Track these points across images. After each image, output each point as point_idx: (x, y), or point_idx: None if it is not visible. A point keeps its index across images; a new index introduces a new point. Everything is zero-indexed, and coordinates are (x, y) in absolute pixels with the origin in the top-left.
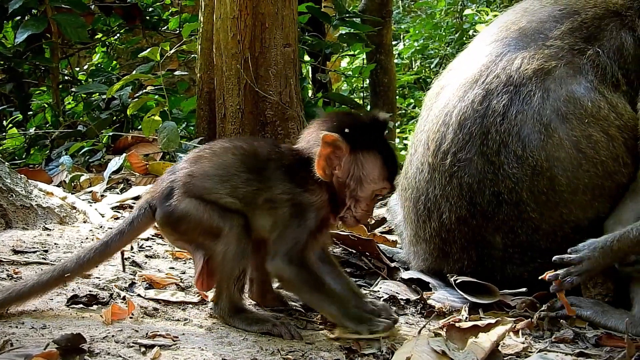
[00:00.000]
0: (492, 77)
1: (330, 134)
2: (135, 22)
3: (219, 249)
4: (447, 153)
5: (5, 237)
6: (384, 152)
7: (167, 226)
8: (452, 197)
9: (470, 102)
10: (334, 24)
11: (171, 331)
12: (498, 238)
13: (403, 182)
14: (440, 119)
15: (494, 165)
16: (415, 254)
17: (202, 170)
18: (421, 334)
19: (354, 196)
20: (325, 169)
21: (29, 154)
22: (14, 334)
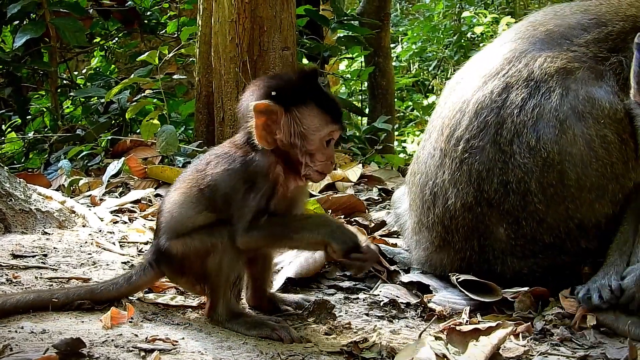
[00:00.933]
0: (513, 71)
1: (260, 102)
2: (133, 26)
3: (214, 260)
4: (460, 139)
5: (5, 242)
6: (318, 100)
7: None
8: (460, 183)
9: (489, 92)
10: (332, 27)
11: (171, 335)
12: (501, 229)
13: (414, 167)
14: (457, 106)
15: (505, 154)
16: (417, 242)
17: (171, 205)
18: (422, 337)
19: (306, 152)
20: (267, 137)
21: (27, 158)
22: (13, 338)
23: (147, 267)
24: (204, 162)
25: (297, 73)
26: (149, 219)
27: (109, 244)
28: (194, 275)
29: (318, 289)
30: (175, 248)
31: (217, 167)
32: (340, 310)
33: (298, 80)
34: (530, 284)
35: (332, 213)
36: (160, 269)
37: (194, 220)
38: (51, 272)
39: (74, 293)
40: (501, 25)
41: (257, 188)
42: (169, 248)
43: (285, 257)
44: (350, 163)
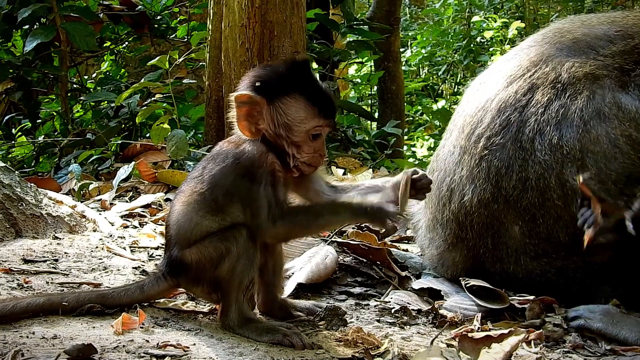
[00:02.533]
0: (540, 74)
1: (241, 93)
2: (143, 30)
3: (227, 265)
4: (481, 137)
5: (16, 246)
6: (306, 91)
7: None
8: (478, 180)
9: (513, 92)
10: (343, 32)
11: (182, 341)
12: (516, 227)
13: (432, 164)
14: (480, 105)
15: (525, 152)
16: (431, 240)
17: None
18: (433, 344)
19: (291, 143)
20: (250, 128)
21: (37, 162)
22: (24, 344)
23: (160, 277)
24: (199, 168)
25: (287, 63)
26: (159, 224)
27: (119, 249)
28: (208, 282)
29: (329, 294)
30: (189, 257)
31: (212, 167)
32: (351, 317)
33: (286, 70)
34: (542, 284)
35: None
36: (174, 280)
37: (200, 226)
38: (62, 277)
39: (85, 297)
40: (511, 30)
41: (257, 179)
42: (182, 257)
43: (296, 263)
44: (361, 168)
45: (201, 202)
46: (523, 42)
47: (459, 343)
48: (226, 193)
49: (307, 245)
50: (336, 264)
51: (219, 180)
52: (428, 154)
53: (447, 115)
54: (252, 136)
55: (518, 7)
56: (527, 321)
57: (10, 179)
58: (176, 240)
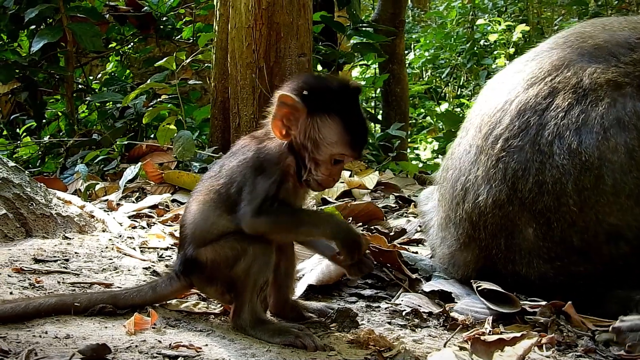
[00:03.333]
0: (561, 78)
1: (286, 94)
2: (149, 31)
3: (243, 264)
4: (499, 138)
5: (26, 246)
6: (346, 118)
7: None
8: (494, 181)
9: (534, 95)
10: (348, 34)
11: (194, 342)
12: (530, 229)
13: (447, 162)
14: (499, 106)
15: (543, 155)
16: (442, 239)
17: (192, 216)
18: (446, 347)
19: (313, 158)
20: (281, 129)
21: (43, 162)
22: (37, 343)
23: (173, 277)
24: (217, 166)
25: (340, 83)
26: (167, 224)
27: (129, 250)
28: (222, 282)
29: (339, 296)
30: (204, 255)
31: (231, 162)
32: (362, 319)
33: (336, 90)
34: (554, 288)
35: (350, 220)
36: (188, 280)
37: (217, 225)
38: (73, 277)
39: (97, 298)
40: (516, 33)
41: (266, 174)
42: (197, 256)
43: (306, 264)
44: (366, 170)
45: (217, 200)
46: (543, 44)
47: (471, 346)
48: (238, 186)
49: None
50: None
51: (235, 175)
52: (431, 157)
53: (452, 118)
54: (281, 138)
55: (522, 10)
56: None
57: (21, 178)
58: (192, 239)
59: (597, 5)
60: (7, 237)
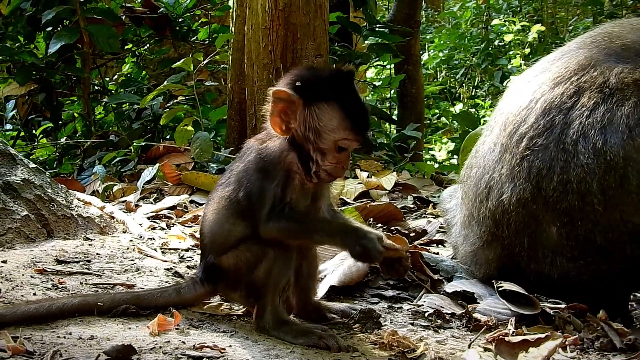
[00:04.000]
0: (587, 77)
1: (279, 89)
2: (165, 32)
3: (265, 267)
4: (524, 136)
5: (48, 247)
6: (344, 102)
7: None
8: (519, 179)
9: (559, 94)
10: (364, 35)
11: (218, 343)
12: (554, 228)
13: (471, 160)
14: (524, 104)
15: (568, 154)
16: (465, 237)
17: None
18: (470, 348)
19: (317, 148)
20: (281, 125)
21: (60, 163)
22: (62, 344)
23: (197, 282)
24: (227, 172)
25: (332, 70)
26: (186, 225)
27: (150, 250)
28: (245, 286)
29: (361, 297)
30: (226, 262)
31: (237, 167)
32: (385, 320)
33: (329, 77)
34: (577, 287)
35: (371, 222)
36: (211, 286)
37: (234, 231)
38: (96, 278)
39: (120, 299)
40: (531, 34)
41: (271, 177)
42: (219, 264)
43: (328, 265)
44: (384, 171)
45: (229, 207)
46: (570, 43)
47: (496, 347)
48: (245, 191)
49: None
50: (368, 266)
51: (242, 179)
52: (447, 157)
53: (467, 119)
54: (282, 134)
55: (536, 10)
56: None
57: (42, 180)
58: (211, 248)
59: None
60: (29, 238)
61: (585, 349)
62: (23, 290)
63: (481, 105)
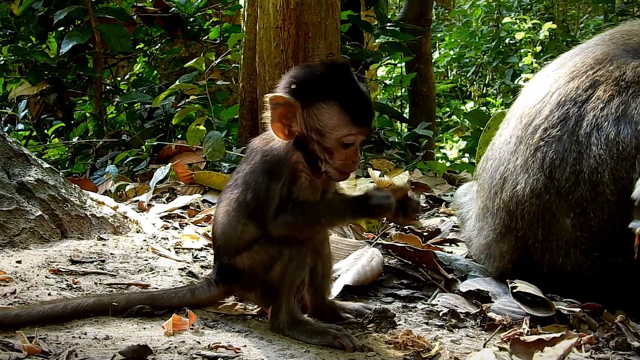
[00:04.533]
0: (604, 72)
1: (276, 95)
2: (176, 32)
3: (280, 266)
4: (538, 128)
5: (62, 247)
6: (341, 98)
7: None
8: (532, 170)
9: (574, 88)
10: (376, 33)
11: (233, 343)
12: (568, 220)
13: (487, 153)
14: (540, 97)
15: (581, 146)
16: (480, 230)
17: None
18: (485, 348)
19: (323, 148)
20: (283, 130)
21: (73, 163)
22: (77, 344)
23: (212, 284)
24: (234, 175)
25: (327, 65)
26: (199, 225)
27: (164, 250)
28: (261, 286)
29: (375, 297)
30: (240, 263)
31: (244, 168)
32: (398, 319)
33: (324, 74)
34: (591, 279)
35: (384, 221)
36: (226, 287)
37: (246, 233)
38: (110, 278)
39: (134, 298)
40: (542, 32)
41: (277, 177)
42: (234, 265)
43: (341, 265)
44: (396, 170)
45: (239, 209)
46: (590, 40)
47: (511, 346)
48: (253, 193)
49: (353, 247)
50: (382, 266)
51: (249, 181)
52: (458, 156)
53: (479, 117)
54: (285, 138)
55: (547, 8)
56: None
57: (55, 180)
58: (225, 250)
59: (623, 3)
60: (43, 238)
61: (601, 348)
62: (38, 290)
63: (492, 103)
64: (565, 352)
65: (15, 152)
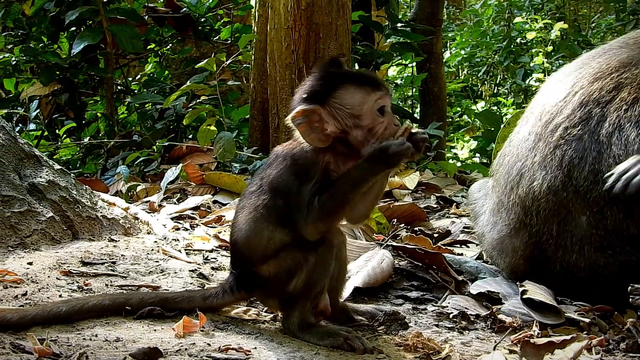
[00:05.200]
0: (629, 74)
1: (294, 114)
2: (187, 32)
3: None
4: (559, 126)
5: (73, 249)
6: (349, 79)
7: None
8: (551, 167)
9: (598, 89)
10: (387, 33)
11: (243, 345)
12: (583, 217)
13: (505, 149)
14: (562, 96)
15: (601, 145)
16: (493, 225)
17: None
18: (496, 350)
19: (364, 128)
20: (320, 137)
21: (84, 163)
22: (88, 346)
23: (227, 291)
24: (257, 180)
25: (319, 66)
26: (210, 226)
27: (175, 252)
28: (284, 293)
29: (386, 299)
30: (267, 271)
31: (270, 174)
32: (409, 321)
33: (323, 71)
34: (603, 277)
35: (394, 222)
36: (244, 293)
37: (273, 239)
38: (121, 279)
39: (147, 300)
40: (554, 31)
41: (308, 178)
42: (259, 272)
43: (352, 267)
44: (407, 170)
45: (267, 215)
46: (613, 42)
47: (521, 349)
48: (283, 196)
49: (363, 249)
50: (392, 267)
51: (278, 185)
52: (469, 156)
53: (490, 117)
54: (324, 144)
55: (558, 7)
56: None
57: (66, 181)
58: (249, 257)
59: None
60: (54, 239)
61: (611, 351)
62: (49, 292)
63: (503, 103)
64: (576, 354)
65: (27, 154)
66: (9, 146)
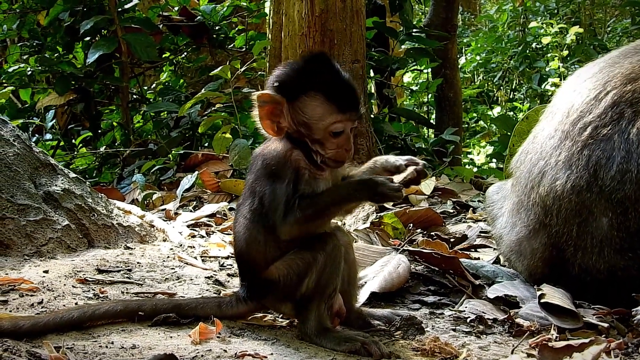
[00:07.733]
0: None
1: (262, 92)
2: (202, 40)
3: (314, 273)
4: (588, 125)
5: (89, 257)
6: (324, 88)
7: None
8: (576, 167)
9: (632, 90)
10: (401, 39)
11: (259, 351)
12: (605, 219)
13: (528, 146)
14: (592, 94)
15: (631, 145)
16: (512, 226)
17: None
18: (513, 354)
19: (313, 140)
20: (272, 126)
21: (100, 172)
22: (104, 354)
23: (240, 301)
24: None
25: (306, 59)
26: (226, 233)
27: (191, 259)
28: (296, 296)
29: (402, 303)
30: (275, 274)
31: (250, 178)
32: (426, 326)
33: (304, 68)
34: (621, 281)
35: (411, 227)
36: (256, 303)
37: (270, 241)
38: (137, 287)
39: (161, 307)
40: (569, 36)
41: (281, 177)
42: (267, 277)
43: (368, 272)
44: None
45: (256, 219)
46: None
47: (539, 352)
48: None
49: (379, 254)
50: (409, 272)
51: (255, 189)
52: (485, 161)
53: (507, 122)
54: (275, 135)
55: (574, 12)
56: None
57: (82, 189)
58: (253, 264)
59: None
60: (70, 247)
61: (630, 354)
62: (65, 300)
63: (519, 108)
64: (594, 357)
65: (42, 162)
66: (24, 155)
